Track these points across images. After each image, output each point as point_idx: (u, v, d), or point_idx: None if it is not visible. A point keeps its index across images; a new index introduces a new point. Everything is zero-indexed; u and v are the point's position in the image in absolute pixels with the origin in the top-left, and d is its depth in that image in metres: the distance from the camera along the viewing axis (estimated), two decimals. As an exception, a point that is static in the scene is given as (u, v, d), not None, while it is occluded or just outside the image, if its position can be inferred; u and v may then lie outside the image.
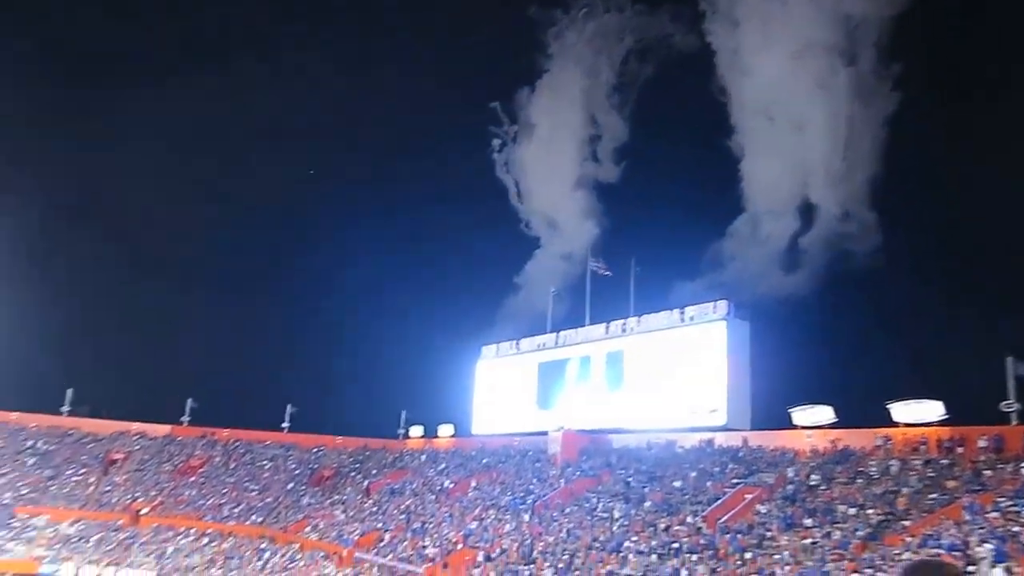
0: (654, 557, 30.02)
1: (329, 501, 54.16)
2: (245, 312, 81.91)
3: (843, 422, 37.83)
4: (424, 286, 79.00)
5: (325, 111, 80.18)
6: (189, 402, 65.67)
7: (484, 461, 52.97)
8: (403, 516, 45.92)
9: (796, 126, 59.99)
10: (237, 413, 66.57)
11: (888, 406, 34.93)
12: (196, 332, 79.75)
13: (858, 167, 55.96)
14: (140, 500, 54.44)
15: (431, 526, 42.47)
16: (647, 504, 36.43)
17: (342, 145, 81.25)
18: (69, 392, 64.15)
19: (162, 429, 65.08)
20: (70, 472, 56.95)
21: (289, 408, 66.40)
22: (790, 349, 48.51)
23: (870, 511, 28.37)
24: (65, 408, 63.92)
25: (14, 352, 65.20)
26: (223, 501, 55.37)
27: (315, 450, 64.43)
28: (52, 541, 48.27)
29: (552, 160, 73.74)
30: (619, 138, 73.04)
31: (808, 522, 29.10)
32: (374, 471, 58.90)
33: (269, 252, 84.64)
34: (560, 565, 32.02)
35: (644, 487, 39.00)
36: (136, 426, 64.82)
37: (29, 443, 59.67)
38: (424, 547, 39.39)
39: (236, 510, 54.24)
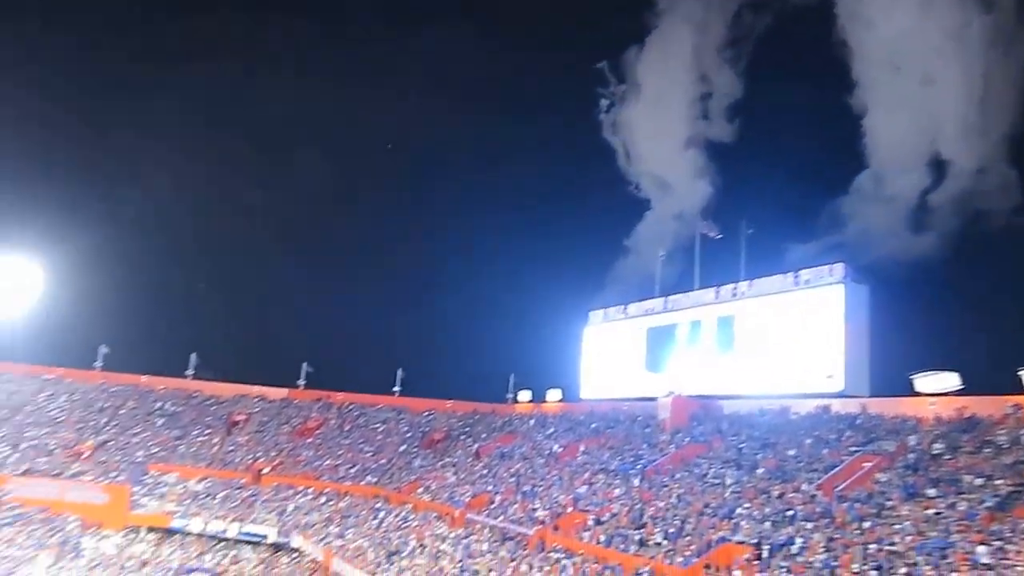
0: (768, 524, 29.40)
1: (440, 463, 55.38)
2: (356, 279, 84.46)
3: (970, 389, 35.94)
4: (532, 250, 79.28)
5: (429, 73, 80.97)
6: (304, 366, 68.41)
7: (593, 426, 52.99)
8: (513, 479, 46.51)
9: (925, 79, 56.74)
10: (350, 377, 69.04)
11: (1020, 373, 32.98)
12: (310, 299, 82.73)
13: (996, 121, 52.57)
14: (261, 460, 57.04)
15: (541, 489, 42.85)
16: (760, 471, 35.67)
17: (448, 107, 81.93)
18: (193, 356, 67.82)
19: (280, 392, 67.98)
20: (196, 432, 60.19)
21: (400, 372, 68.37)
22: (914, 313, 46.43)
23: (998, 482, 26.89)
24: (189, 372, 67.60)
25: (143, 319, 69.57)
26: (339, 462, 57.42)
27: (425, 413, 65.95)
28: (182, 497, 51.23)
29: (661, 119, 72.26)
30: (732, 95, 71.11)
31: (931, 492, 27.83)
32: (484, 435, 59.85)
33: (378, 219, 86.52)
34: (671, 530, 31.79)
35: (757, 454, 38.20)
36: (256, 389, 67.96)
37: (158, 405, 63.37)
38: (534, 510, 39.79)
39: (351, 471, 56.14)
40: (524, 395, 65.32)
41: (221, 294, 79.64)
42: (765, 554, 27.05)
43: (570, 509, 38.28)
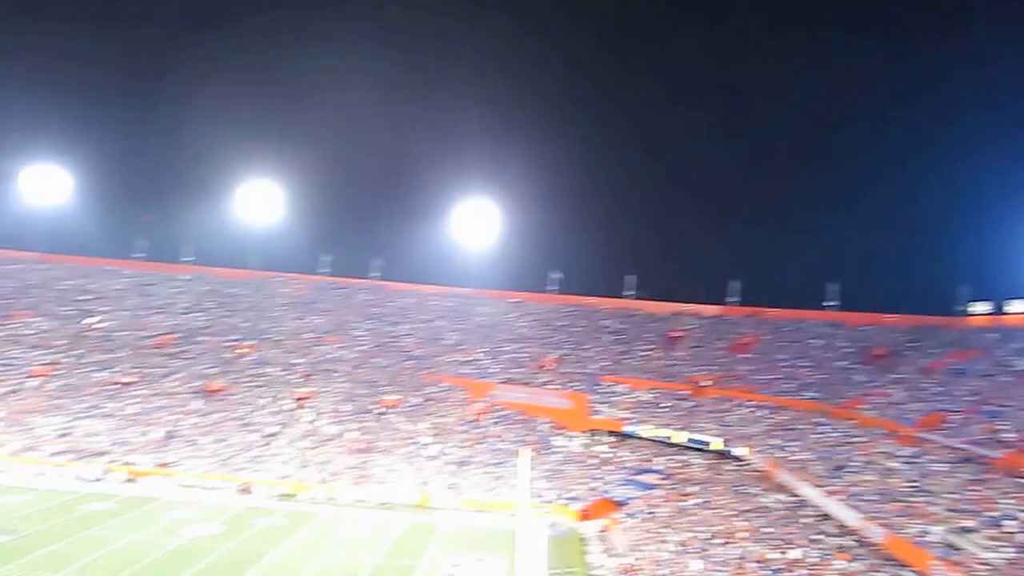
0: None
1: (885, 380, 53.05)
2: (787, 195, 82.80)
3: None
4: (983, 150, 70.38)
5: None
6: (734, 284, 69.88)
7: (1071, 340, 46.72)
8: (972, 398, 43.07)
9: None
10: (780, 293, 68.73)
11: None
12: (738, 214, 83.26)
13: None
14: (699, 374, 59.73)
15: (1009, 410, 39.16)
16: None
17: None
18: (631, 278, 73.04)
19: (713, 309, 70.24)
20: (639, 348, 64.93)
21: (832, 286, 66.37)
22: None
23: None
24: (629, 292, 72.68)
25: (588, 246, 76.40)
26: (775, 376, 57.89)
27: (864, 328, 63.29)
28: (632, 406, 56.03)
29: None
30: None
31: None
32: (933, 350, 55.83)
33: (817, 132, 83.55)
34: None
35: None
36: (690, 307, 71.01)
37: (604, 323, 69.53)
38: (1000, 431, 36.68)
39: (787, 386, 56.29)
40: (979, 307, 59.38)
41: (654, 219, 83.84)
42: None
43: (1047, 432, 34.69)
